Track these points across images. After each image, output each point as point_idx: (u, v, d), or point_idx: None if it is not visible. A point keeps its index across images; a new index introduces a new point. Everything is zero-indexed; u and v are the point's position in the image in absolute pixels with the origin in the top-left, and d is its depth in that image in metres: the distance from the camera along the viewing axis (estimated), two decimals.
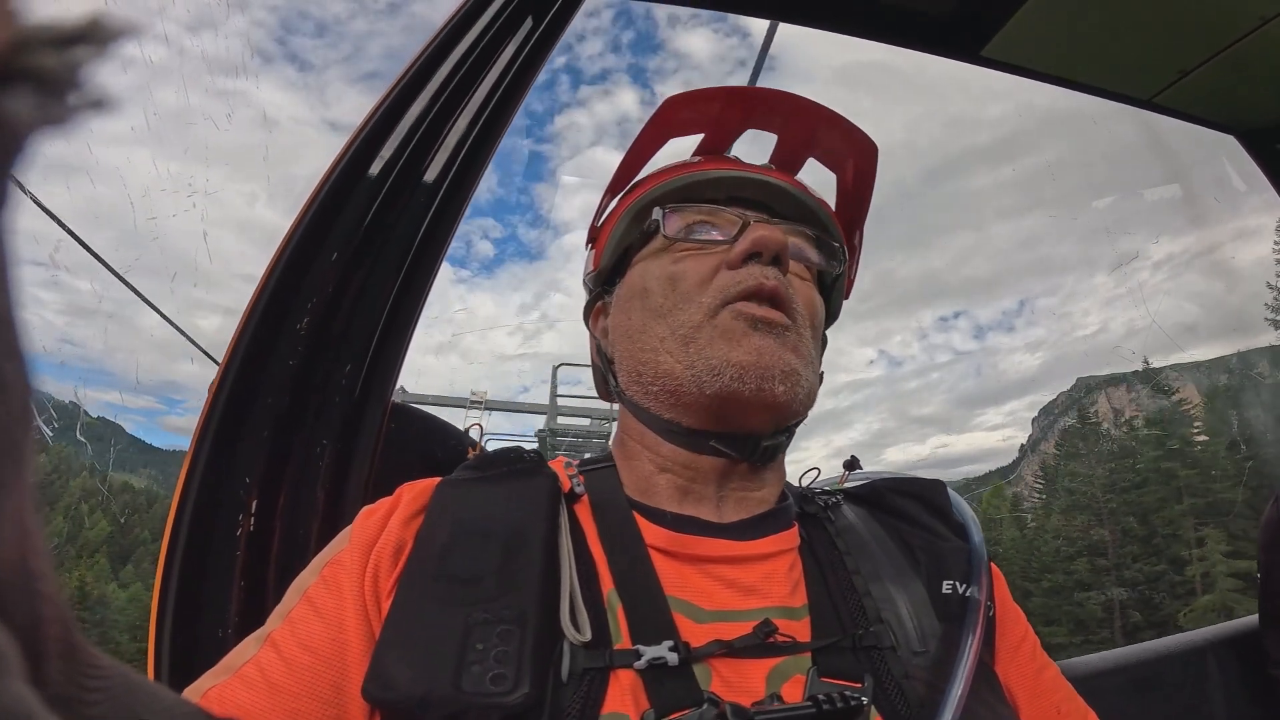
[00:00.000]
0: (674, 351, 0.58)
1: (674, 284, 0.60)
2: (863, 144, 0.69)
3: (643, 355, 0.61)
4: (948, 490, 0.68)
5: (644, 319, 0.61)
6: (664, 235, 0.63)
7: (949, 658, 0.52)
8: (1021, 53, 1.35)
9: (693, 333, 0.58)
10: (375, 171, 0.88)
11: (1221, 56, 1.33)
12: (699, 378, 0.56)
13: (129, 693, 0.20)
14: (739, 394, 0.55)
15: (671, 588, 0.52)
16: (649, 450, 0.62)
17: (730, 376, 0.55)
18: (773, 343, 0.56)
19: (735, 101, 0.69)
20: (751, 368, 0.55)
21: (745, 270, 0.58)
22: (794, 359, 0.57)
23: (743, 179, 0.65)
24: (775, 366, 0.55)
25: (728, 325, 0.57)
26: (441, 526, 0.53)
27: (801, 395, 0.58)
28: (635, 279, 0.65)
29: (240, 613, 0.70)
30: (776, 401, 0.56)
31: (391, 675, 0.45)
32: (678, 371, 0.57)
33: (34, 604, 0.17)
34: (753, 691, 0.47)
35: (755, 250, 0.58)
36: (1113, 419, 37.30)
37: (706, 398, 0.56)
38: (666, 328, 0.59)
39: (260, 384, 0.77)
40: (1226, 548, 24.14)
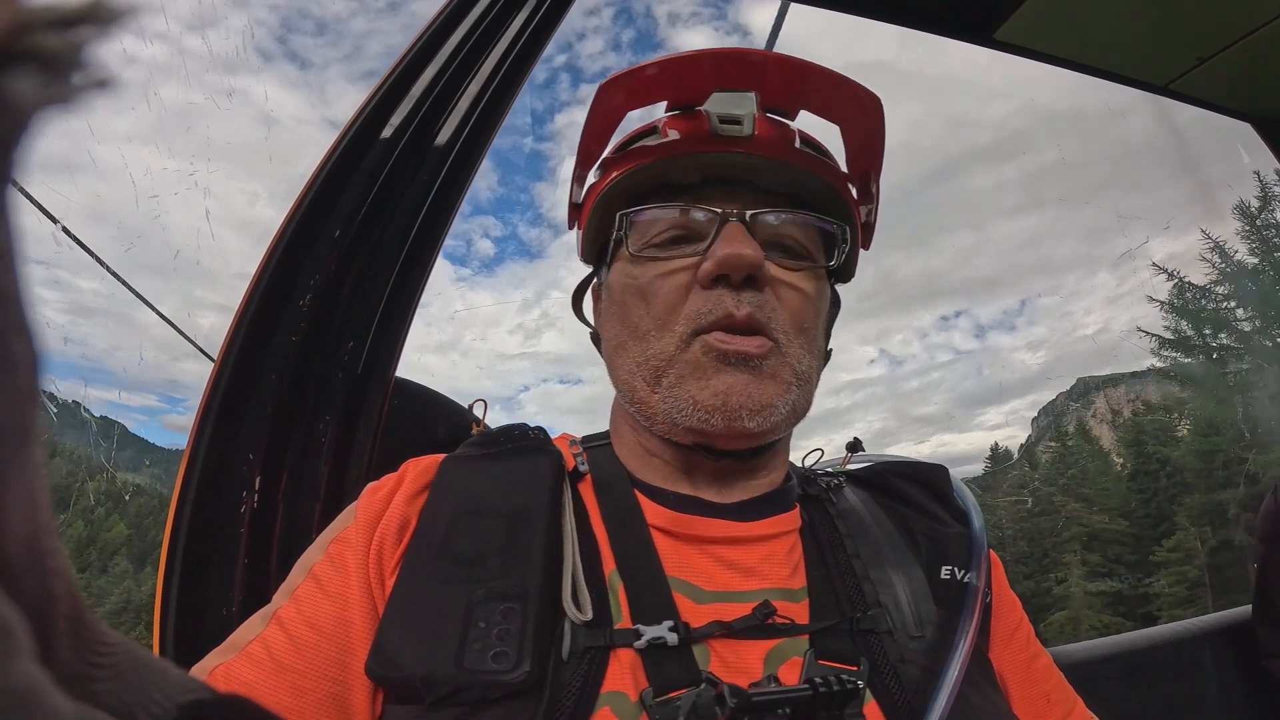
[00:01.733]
0: (648, 381, 0.57)
1: (647, 303, 0.57)
2: (861, 96, 0.59)
3: (622, 375, 0.60)
4: (950, 476, 0.68)
5: (622, 335, 0.60)
6: (628, 251, 0.59)
7: (945, 643, 0.53)
8: (1035, 36, 1.33)
9: (665, 367, 0.56)
10: (381, 142, 0.87)
11: (1242, 43, 1.30)
12: (670, 414, 0.55)
13: (137, 669, 0.20)
14: (711, 430, 0.54)
15: (672, 568, 0.53)
16: (641, 437, 0.62)
17: (700, 417, 0.54)
18: (743, 379, 0.54)
19: (680, 69, 0.58)
20: (718, 410, 0.53)
21: (715, 295, 0.55)
22: (769, 391, 0.54)
23: (721, 161, 0.58)
24: (743, 406, 0.53)
25: (697, 360, 0.54)
26: (445, 504, 0.54)
27: (780, 420, 0.56)
28: (615, 280, 0.62)
29: (244, 591, 0.70)
30: (748, 433, 0.55)
31: (394, 653, 0.45)
32: (653, 403, 0.57)
33: (44, 581, 0.17)
34: (750, 672, 0.48)
35: (722, 273, 0.54)
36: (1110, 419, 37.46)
37: (681, 430, 0.56)
38: (641, 354, 0.57)
39: (263, 361, 0.77)
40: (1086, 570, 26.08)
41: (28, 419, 0.16)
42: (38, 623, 0.16)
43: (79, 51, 0.14)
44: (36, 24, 0.14)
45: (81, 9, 0.14)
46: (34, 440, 0.16)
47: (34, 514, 0.16)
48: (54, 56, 0.14)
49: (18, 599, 0.15)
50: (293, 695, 0.46)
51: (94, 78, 0.15)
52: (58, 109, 0.15)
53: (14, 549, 0.16)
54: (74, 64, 0.14)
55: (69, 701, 0.15)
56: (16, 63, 0.14)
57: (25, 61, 0.14)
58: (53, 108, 0.14)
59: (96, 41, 0.15)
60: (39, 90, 0.14)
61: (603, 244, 0.65)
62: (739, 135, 0.58)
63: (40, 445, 0.17)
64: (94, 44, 0.15)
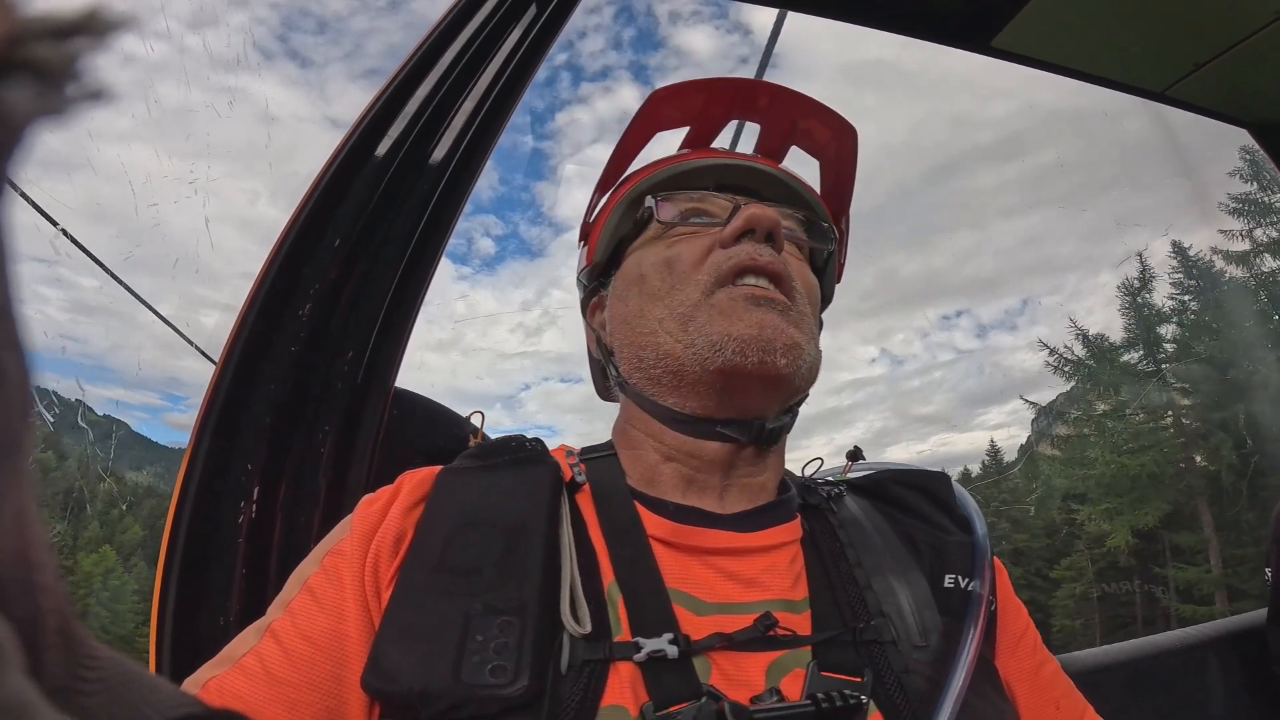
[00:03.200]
0: (673, 331, 0.58)
1: (670, 267, 0.61)
2: (841, 127, 0.70)
3: (642, 339, 0.61)
4: (952, 483, 0.68)
5: (641, 304, 0.62)
6: (658, 220, 0.64)
7: (949, 652, 0.52)
8: (1032, 44, 1.33)
9: (691, 311, 0.58)
10: (379, 156, 0.87)
11: (1237, 49, 1.31)
12: (700, 354, 0.56)
13: (126, 683, 0.20)
14: (741, 368, 0.55)
15: (672, 579, 0.53)
16: (653, 439, 0.62)
17: (732, 350, 0.55)
18: (775, 317, 0.57)
19: (718, 92, 0.70)
20: (754, 340, 0.55)
21: (739, 247, 0.59)
22: (796, 333, 0.58)
23: (730, 166, 0.67)
24: (777, 339, 0.56)
25: (725, 304, 0.57)
26: (442, 516, 0.53)
27: (804, 369, 0.58)
28: (631, 267, 0.65)
29: (242, 601, 0.70)
30: (780, 374, 0.56)
31: (391, 666, 0.45)
32: (678, 351, 0.57)
33: (33, 595, 0.17)
34: (752, 685, 0.47)
35: (748, 227, 0.59)
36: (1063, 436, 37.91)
37: (710, 374, 0.56)
38: (664, 309, 0.59)
39: (261, 371, 0.77)
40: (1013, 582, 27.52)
41: (19, 433, 0.16)
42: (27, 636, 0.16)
43: (74, 62, 0.14)
44: (32, 35, 0.14)
45: (77, 20, 0.14)
46: (25, 454, 0.16)
47: (24, 528, 0.16)
48: (49, 67, 0.14)
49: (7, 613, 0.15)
50: (287, 709, 0.46)
51: (88, 88, 0.15)
52: (52, 119, 0.15)
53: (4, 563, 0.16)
54: (69, 74, 0.14)
55: (58, 715, 0.15)
56: (11, 73, 0.14)
57: (20, 72, 0.14)
58: (47, 118, 0.14)
59: (91, 52, 0.15)
60: (34, 101, 0.14)
61: (617, 243, 0.68)
62: (746, 154, 0.70)
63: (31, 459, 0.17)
64: (89, 55, 0.15)
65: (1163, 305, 21.02)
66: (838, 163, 0.73)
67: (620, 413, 0.68)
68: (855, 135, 0.71)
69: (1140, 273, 21.28)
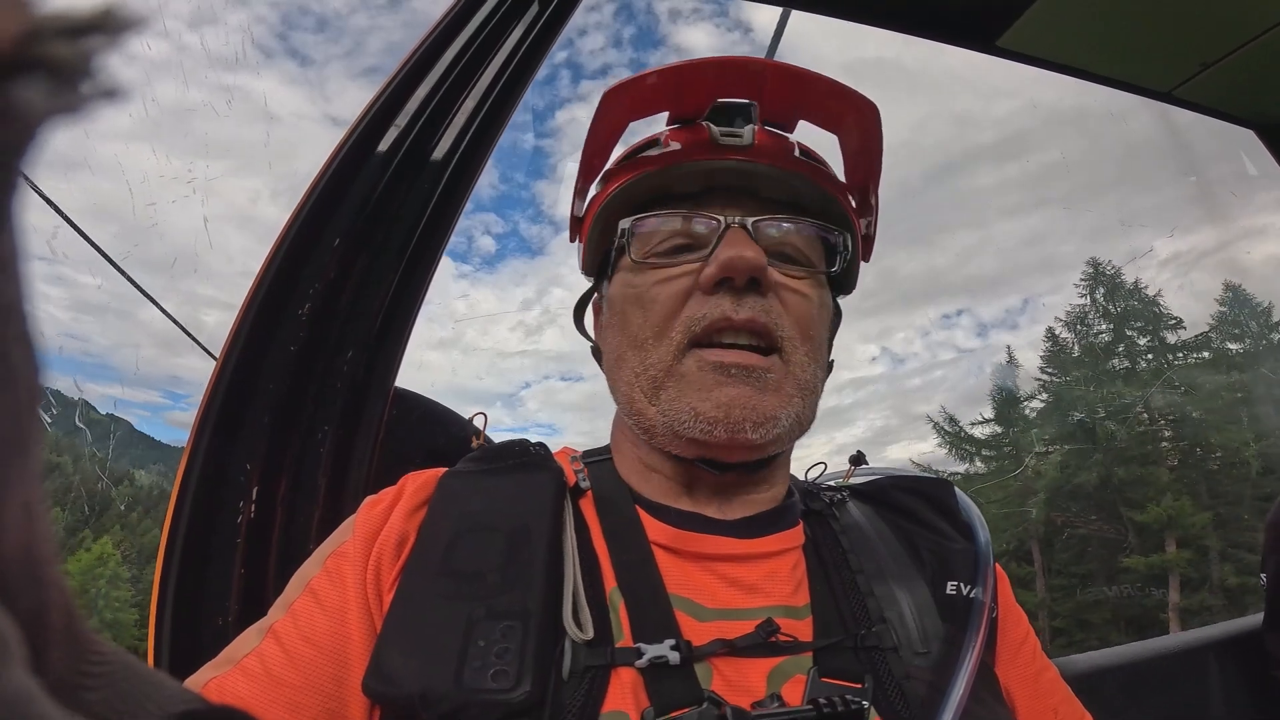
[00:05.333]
0: (646, 393, 0.57)
1: (645, 311, 0.57)
2: (859, 104, 0.59)
3: (621, 388, 0.60)
4: (955, 490, 0.67)
5: (621, 347, 0.59)
6: (630, 259, 0.58)
7: (950, 659, 0.52)
8: (1038, 43, 1.33)
9: (662, 378, 0.56)
10: (379, 155, 0.87)
11: (1244, 50, 1.30)
12: (671, 426, 0.55)
13: (130, 679, 0.20)
14: (714, 441, 0.54)
15: (674, 585, 0.52)
16: (642, 452, 0.61)
17: (699, 430, 0.53)
18: (746, 391, 0.53)
19: (681, 77, 0.58)
20: (720, 422, 0.53)
21: (714, 300, 0.54)
22: (771, 402, 0.54)
23: (724, 170, 0.58)
24: (746, 419, 0.53)
25: (694, 376, 0.54)
26: (445, 520, 0.53)
27: (783, 432, 0.55)
28: (616, 293, 0.61)
29: (241, 601, 0.70)
30: (752, 445, 0.54)
31: (392, 670, 0.45)
32: (651, 415, 0.56)
33: (38, 590, 0.17)
34: (753, 691, 0.47)
35: (725, 276, 0.53)
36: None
37: (683, 442, 0.56)
38: (640, 364, 0.57)
39: (261, 370, 0.77)
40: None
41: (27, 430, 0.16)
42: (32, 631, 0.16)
43: (88, 60, 0.14)
44: (46, 32, 0.14)
45: (91, 18, 0.14)
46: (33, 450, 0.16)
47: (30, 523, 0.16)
48: (63, 65, 0.14)
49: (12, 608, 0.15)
50: (288, 711, 0.46)
51: (102, 86, 0.15)
52: (66, 118, 0.15)
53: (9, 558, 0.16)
54: (83, 73, 0.14)
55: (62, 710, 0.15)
56: (25, 71, 0.14)
57: (34, 70, 0.14)
58: (61, 116, 0.14)
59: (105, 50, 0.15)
60: (47, 99, 0.14)
61: (604, 256, 0.65)
62: (739, 145, 0.58)
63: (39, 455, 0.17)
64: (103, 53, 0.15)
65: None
66: (860, 137, 0.61)
67: (616, 413, 0.67)
68: (875, 111, 0.59)
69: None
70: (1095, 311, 26.00)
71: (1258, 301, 25.33)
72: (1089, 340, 25.62)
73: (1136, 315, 25.59)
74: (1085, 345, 25.50)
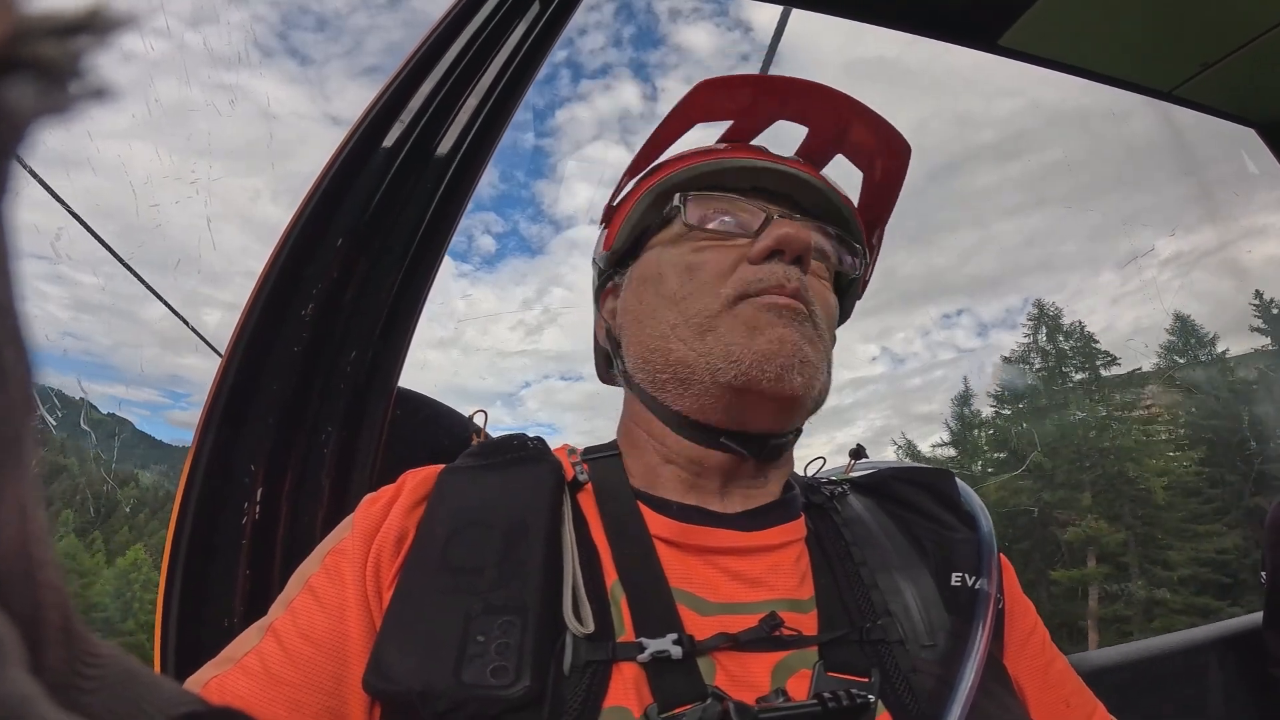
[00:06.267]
0: (687, 339, 0.57)
1: (691, 273, 0.59)
2: (895, 142, 0.66)
3: (652, 341, 0.59)
4: (956, 480, 0.67)
5: (655, 304, 0.60)
6: (684, 222, 0.61)
7: (958, 651, 0.52)
8: (1040, 42, 1.33)
9: (710, 321, 0.57)
10: (381, 154, 0.87)
11: (1246, 49, 1.30)
12: (714, 365, 0.55)
13: (128, 681, 0.20)
14: (757, 383, 0.54)
15: (676, 579, 0.52)
16: (655, 440, 0.61)
17: (750, 363, 0.54)
18: (794, 333, 0.55)
19: (767, 90, 0.66)
20: (774, 356, 0.54)
21: (767, 267, 0.57)
22: (812, 352, 0.56)
23: (769, 169, 0.63)
24: (795, 356, 0.54)
25: (749, 315, 0.56)
26: (443, 516, 0.53)
27: (815, 391, 0.58)
28: (650, 263, 0.63)
29: (245, 602, 0.70)
30: (794, 393, 0.55)
31: (392, 666, 0.45)
32: (690, 359, 0.56)
33: (34, 591, 0.17)
34: (758, 686, 0.47)
35: (778, 248, 0.57)
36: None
37: (719, 387, 0.55)
38: (679, 314, 0.58)
39: (265, 371, 0.77)
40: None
41: (21, 430, 0.16)
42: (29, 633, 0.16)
43: (77, 60, 0.14)
44: (35, 32, 0.14)
45: (80, 18, 0.14)
46: (27, 450, 0.16)
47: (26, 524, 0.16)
48: (52, 65, 0.14)
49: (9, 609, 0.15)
50: (288, 709, 0.46)
51: (91, 86, 0.15)
52: (55, 117, 0.15)
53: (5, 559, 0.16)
54: (72, 72, 0.14)
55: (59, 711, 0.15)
56: (14, 71, 0.14)
57: (23, 70, 0.14)
58: (50, 116, 0.14)
59: (94, 50, 0.15)
60: (37, 99, 0.14)
61: (639, 234, 0.66)
62: (786, 156, 0.66)
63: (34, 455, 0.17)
64: (92, 52, 0.15)
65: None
66: (883, 177, 0.68)
67: (624, 407, 0.68)
68: (908, 151, 0.67)
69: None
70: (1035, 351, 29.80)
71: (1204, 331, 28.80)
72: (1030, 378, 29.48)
73: (1076, 353, 29.28)
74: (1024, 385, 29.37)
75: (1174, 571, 22.40)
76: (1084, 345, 28.93)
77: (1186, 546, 22.60)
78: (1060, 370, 28.86)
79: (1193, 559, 22.34)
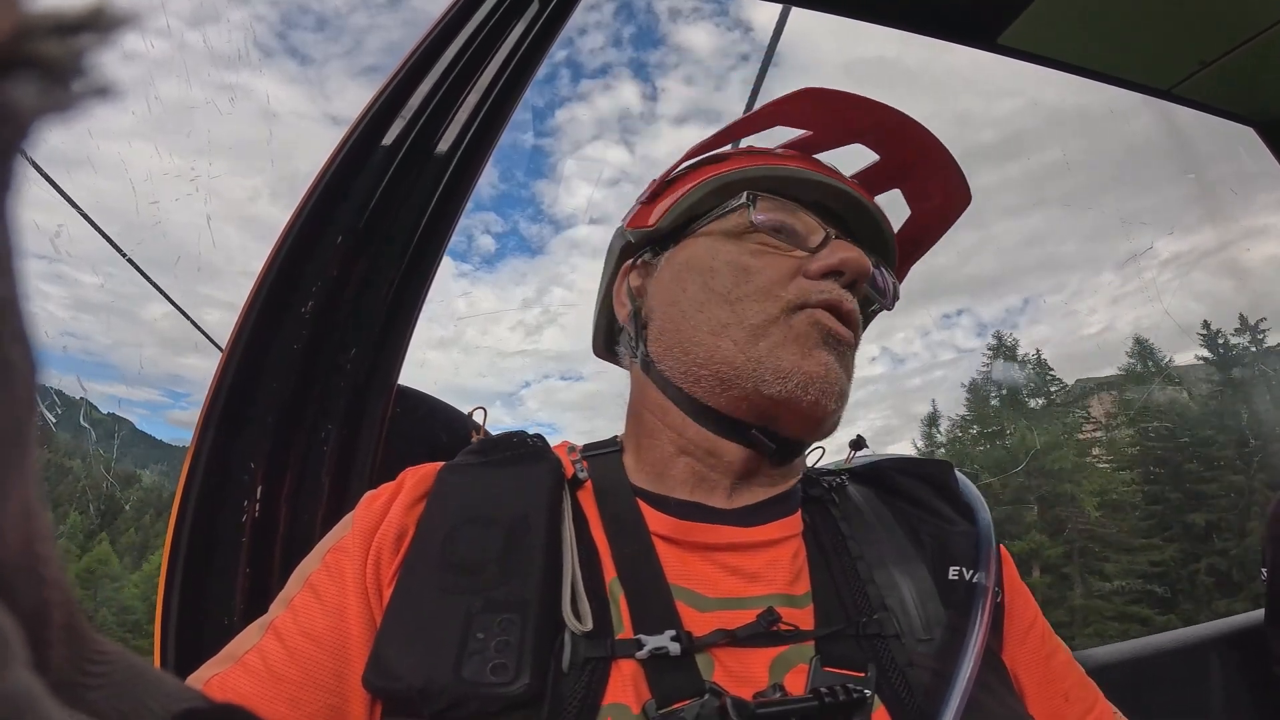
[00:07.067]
0: (739, 341, 0.57)
1: (746, 275, 0.59)
2: (959, 192, 0.68)
3: (696, 335, 0.59)
4: (954, 471, 0.67)
5: (704, 298, 0.60)
6: (752, 221, 0.61)
7: (955, 646, 0.52)
8: (1039, 41, 1.33)
9: (765, 327, 0.57)
10: (380, 154, 0.87)
11: (1245, 48, 1.30)
12: (761, 375, 0.55)
13: (131, 678, 0.20)
14: (798, 402, 0.55)
15: (674, 575, 0.52)
16: (671, 429, 0.61)
17: (796, 383, 0.55)
18: (836, 361, 0.58)
19: (863, 112, 0.66)
20: (818, 380, 0.56)
21: (827, 284, 0.58)
22: (846, 382, 0.59)
23: (834, 188, 0.64)
24: (835, 385, 0.57)
25: (803, 330, 0.57)
26: (443, 513, 0.53)
27: (838, 418, 0.60)
28: (701, 253, 0.62)
29: (245, 600, 0.70)
30: (826, 417, 0.58)
31: (392, 664, 0.45)
32: (739, 362, 0.56)
33: (38, 589, 0.17)
34: (755, 681, 0.47)
35: (840, 269, 0.58)
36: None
37: (762, 397, 0.56)
38: (732, 315, 0.58)
39: (264, 369, 0.77)
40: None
41: (24, 427, 0.16)
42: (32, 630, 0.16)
43: (80, 58, 0.14)
44: (37, 31, 0.14)
45: (82, 16, 0.14)
46: (31, 448, 0.16)
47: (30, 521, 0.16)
48: (55, 63, 0.14)
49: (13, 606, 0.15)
50: (289, 706, 0.46)
51: (94, 84, 0.15)
52: (58, 116, 0.15)
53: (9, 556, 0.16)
54: (75, 71, 0.14)
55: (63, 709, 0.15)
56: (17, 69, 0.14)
57: (25, 68, 0.14)
58: (53, 115, 0.14)
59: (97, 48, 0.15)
60: (39, 97, 0.14)
61: (690, 218, 0.65)
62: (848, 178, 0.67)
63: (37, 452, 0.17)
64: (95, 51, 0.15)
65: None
66: (935, 222, 0.70)
67: (636, 395, 0.66)
68: (968, 202, 0.68)
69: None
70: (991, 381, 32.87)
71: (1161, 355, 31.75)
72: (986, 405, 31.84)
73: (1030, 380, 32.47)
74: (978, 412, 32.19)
75: (1110, 582, 25.02)
76: (1040, 373, 32.82)
77: (1123, 559, 25.42)
78: (1016, 397, 32.43)
79: (1128, 570, 25.15)
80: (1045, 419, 30.56)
